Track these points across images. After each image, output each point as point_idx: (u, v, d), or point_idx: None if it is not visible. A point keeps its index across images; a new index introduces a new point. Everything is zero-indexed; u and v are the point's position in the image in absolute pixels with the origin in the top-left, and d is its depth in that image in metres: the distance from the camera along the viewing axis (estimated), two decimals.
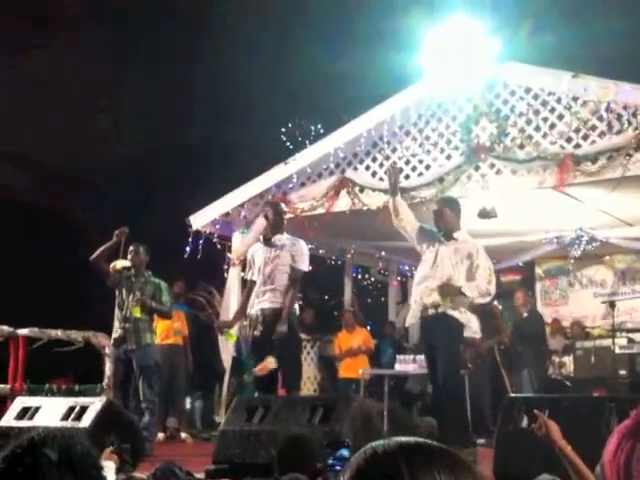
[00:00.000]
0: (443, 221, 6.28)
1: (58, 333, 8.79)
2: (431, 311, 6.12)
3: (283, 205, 7.18)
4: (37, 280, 15.23)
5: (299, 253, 6.63)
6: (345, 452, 3.12)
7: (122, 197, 16.76)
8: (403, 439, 1.30)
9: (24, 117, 16.86)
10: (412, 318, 6.45)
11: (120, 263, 7.32)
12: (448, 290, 6.06)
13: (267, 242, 6.71)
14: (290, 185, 9.14)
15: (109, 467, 3.48)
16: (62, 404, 5.68)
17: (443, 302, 6.05)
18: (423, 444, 1.29)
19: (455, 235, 6.24)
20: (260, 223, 7.85)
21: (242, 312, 6.87)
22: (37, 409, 5.70)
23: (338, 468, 2.99)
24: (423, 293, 6.22)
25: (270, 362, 6.35)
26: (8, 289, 13.62)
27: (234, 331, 6.99)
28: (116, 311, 7.37)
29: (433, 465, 1.25)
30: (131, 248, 7.42)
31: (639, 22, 14.35)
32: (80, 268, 8.47)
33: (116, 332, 7.34)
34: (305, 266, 6.71)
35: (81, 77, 17.43)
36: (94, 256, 7.28)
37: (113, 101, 18.28)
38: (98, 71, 17.59)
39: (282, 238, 6.69)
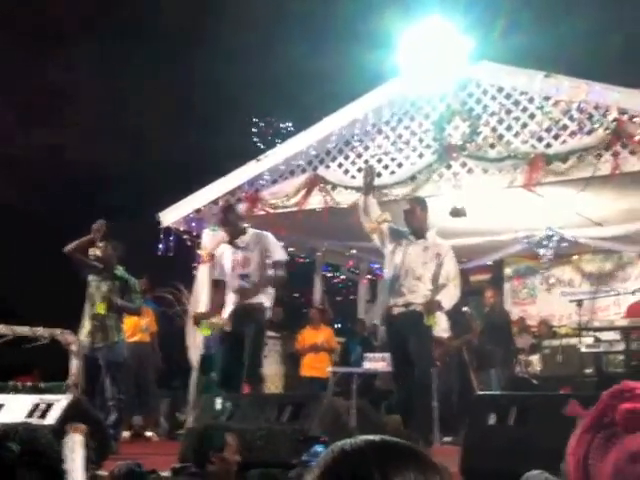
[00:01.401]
0: (414, 219, 6.30)
1: (24, 329, 8.64)
2: (401, 309, 6.13)
3: (235, 205, 7.14)
4: (7, 277, 15.06)
5: (270, 245, 6.60)
6: (319, 448, 3.09)
7: (91, 196, 16.61)
8: (371, 437, 1.26)
9: (11, 123, 16.71)
10: (380, 317, 6.49)
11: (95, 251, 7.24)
12: (431, 307, 6.09)
13: (232, 244, 6.69)
14: (262, 182, 9.09)
15: (77, 441, 3.41)
16: (27, 401, 5.59)
17: (429, 322, 6.09)
18: (392, 442, 1.26)
19: (425, 235, 6.27)
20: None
21: (217, 307, 6.83)
22: (0, 406, 5.60)
23: (313, 464, 2.96)
24: (393, 292, 6.23)
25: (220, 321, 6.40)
26: None
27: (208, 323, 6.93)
28: (85, 307, 7.29)
29: (403, 464, 1.22)
30: (100, 244, 7.32)
31: (609, 22, 14.51)
32: (50, 265, 8.36)
33: (84, 329, 7.26)
34: (282, 254, 6.69)
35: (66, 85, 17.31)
36: (69, 247, 7.19)
37: (90, 106, 18.16)
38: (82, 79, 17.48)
39: (245, 238, 6.65)
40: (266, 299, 6.62)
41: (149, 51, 17.64)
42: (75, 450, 3.37)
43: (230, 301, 6.69)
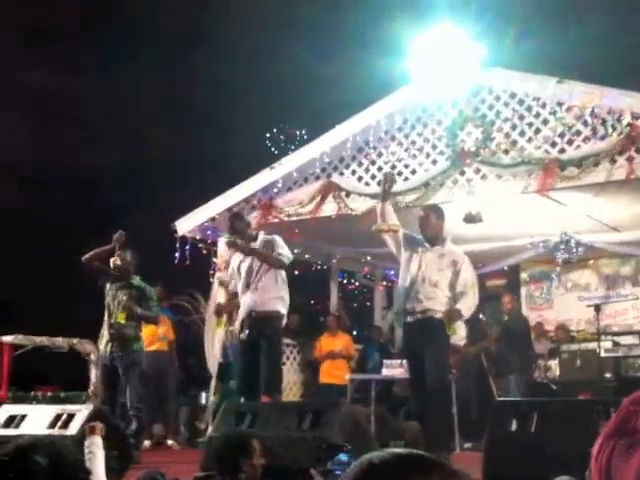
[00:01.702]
0: (429, 227, 6.31)
1: (43, 340, 8.73)
2: (418, 316, 6.14)
3: (242, 212, 7.19)
4: (23, 286, 15.15)
5: (277, 247, 6.65)
6: (343, 457, 3.12)
7: (104, 203, 16.70)
8: (399, 450, 1.31)
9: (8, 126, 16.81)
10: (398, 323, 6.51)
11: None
12: (452, 316, 6.10)
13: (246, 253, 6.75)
14: (276, 190, 9.13)
15: (96, 442, 3.45)
16: (49, 412, 5.63)
17: (450, 331, 6.10)
18: (419, 456, 1.30)
19: (440, 242, 6.28)
20: None
21: (234, 303, 6.89)
22: (23, 417, 5.64)
23: (338, 473, 2.99)
24: (409, 299, 6.24)
25: None
26: None
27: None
28: (105, 317, 7.34)
29: (429, 477, 1.26)
30: (118, 252, 7.37)
31: (621, 27, 14.49)
32: (67, 274, 8.43)
33: (103, 338, 7.31)
34: (287, 251, 6.72)
35: (65, 85, 17.39)
36: (87, 257, 7.25)
37: (96, 107, 18.24)
38: (80, 79, 17.56)
39: (255, 244, 6.72)
40: (281, 306, 6.66)
41: (153, 55, 17.73)
42: (94, 452, 3.40)
43: (244, 309, 6.73)
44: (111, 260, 7.25)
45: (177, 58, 17.94)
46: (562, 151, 7.48)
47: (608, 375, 8.43)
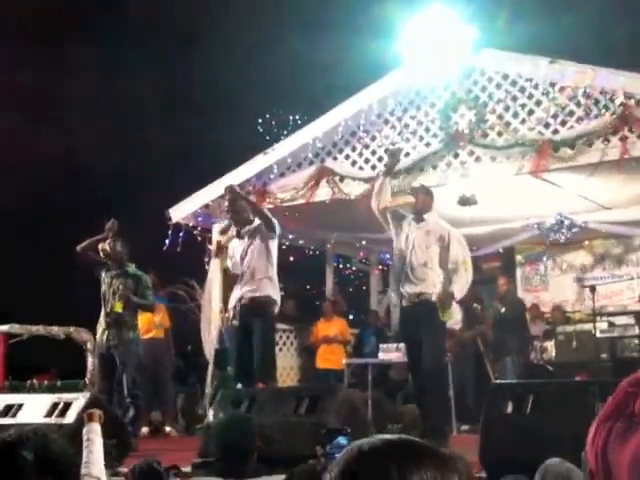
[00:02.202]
0: (416, 203, 6.34)
1: (39, 329, 8.72)
2: (414, 299, 6.14)
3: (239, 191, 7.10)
4: (20, 276, 15.13)
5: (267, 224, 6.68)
6: (343, 440, 3.11)
7: (101, 194, 16.64)
8: (389, 436, 1.29)
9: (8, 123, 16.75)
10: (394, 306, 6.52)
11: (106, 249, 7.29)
12: (445, 301, 6.10)
13: (239, 235, 6.74)
14: (270, 175, 9.11)
15: (94, 430, 3.45)
16: (45, 400, 5.64)
17: (444, 317, 6.11)
18: (409, 441, 1.28)
19: (425, 217, 6.27)
20: None
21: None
22: (20, 406, 5.65)
23: (337, 455, 2.99)
24: (403, 280, 6.25)
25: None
26: None
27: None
28: (102, 305, 7.35)
29: (420, 463, 1.24)
30: (109, 241, 7.37)
31: (613, 11, 14.44)
32: (63, 264, 8.42)
33: (100, 326, 7.32)
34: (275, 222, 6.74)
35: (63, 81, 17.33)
36: (81, 246, 7.26)
37: (88, 100, 18.16)
38: (80, 75, 17.49)
39: (250, 227, 6.72)
40: (273, 292, 6.65)
41: (145, 39, 17.63)
42: (92, 439, 3.39)
43: (236, 295, 6.73)
44: (99, 247, 7.26)
45: (172, 48, 17.85)
46: (555, 132, 7.47)
47: (604, 356, 8.47)
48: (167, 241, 9.29)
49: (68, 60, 17.53)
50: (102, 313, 7.33)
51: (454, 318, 9.15)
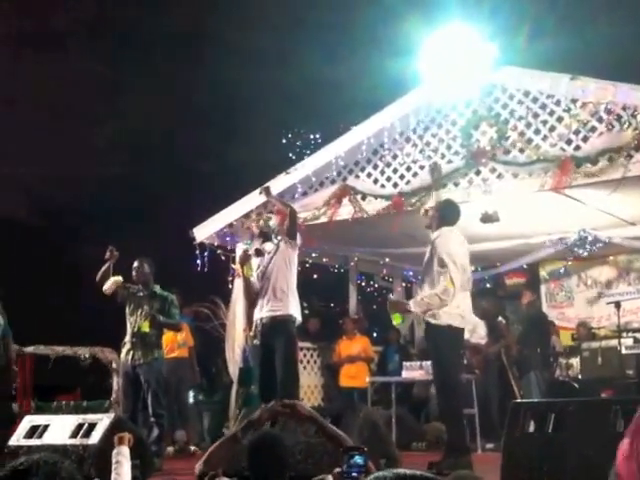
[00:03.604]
0: (429, 220, 6.36)
1: (65, 349, 8.81)
2: (425, 320, 6.16)
3: (269, 215, 7.23)
4: (43, 298, 15.25)
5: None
6: (359, 459, 3.10)
7: (122, 212, 16.76)
8: (402, 471, 1.36)
9: (19, 136, 16.87)
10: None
11: (114, 279, 7.34)
12: (394, 307, 6.15)
13: (258, 253, 6.80)
14: (293, 194, 9.15)
15: (123, 453, 3.49)
16: (70, 421, 5.68)
17: (395, 321, 6.15)
18: (419, 476, 1.36)
19: (432, 234, 6.22)
20: None
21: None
22: (46, 427, 5.70)
23: (354, 475, 2.99)
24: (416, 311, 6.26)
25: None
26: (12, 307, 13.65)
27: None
28: (127, 326, 7.42)
29: None
30: (135, 264, 7.48)
31: (634, 26, 14.38)
32: (84, 284, 8.50)
33: (125, 347, 7.38)
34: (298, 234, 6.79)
35: (74, 93, 17.45)
36: (98, 279, 7.35)
37: (109, 116, 18.31)
38: (92, 87, 17.62)
39: (270, 244, 6.78)
40: (294, 310, 6.67)
41: (164, 55, 17.77)
42: (121, 462, 3.44)
43: (258, 314, 6.76)
44: (111, 281, 7.30)
45: (191, 63, 18.00)
46: (577, 148, 7.44)
47: (630, 372, 8.37)
48: (198, 262, 9.36)
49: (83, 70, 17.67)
50: (128, 333, 7.39)
51: (479, 334, 9.16)
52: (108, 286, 7.30)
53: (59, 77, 17.44)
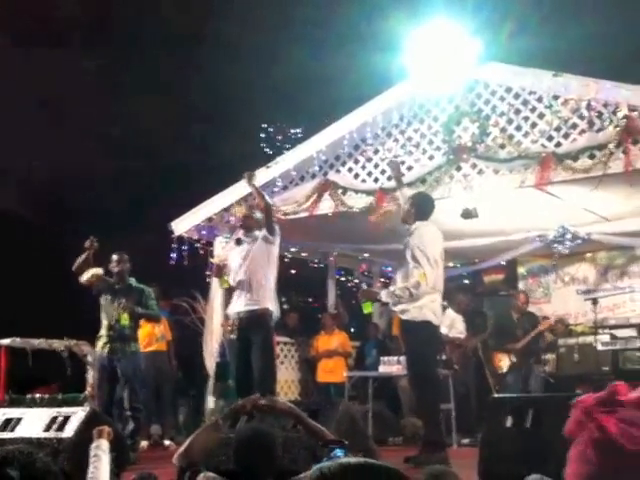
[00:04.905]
0: (404, 214, 6.36)
1: (40, 342, 8.70)
2: (401, 316, 6.16)
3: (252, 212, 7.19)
4: (20, 290, 15.10)
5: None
6: (339, 452, 3.08)
7: (102, 208, 16.62)
8: (348, 460, 1.36)
9: (11, 132, 16.71)
10: None
11: (94, 271, 7.27)
12: (366, 295, 6.26)
13: (239, 242, 6.75)
14: (273, 189, 9.10)
15: (102, 446, 3.45)
16: (44, 414, 5.61)
17: (365, 310, 6.19)
18: (367, 465, 1.33)
19: (409, 227, 6.22)
20: None
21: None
22: (19, 420, 5.63)
23: None
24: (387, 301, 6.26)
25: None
26: None
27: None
28: (102, 319, 7.35)
29: None
30: (115, 257, 7.43)
31: (616, 24, 14.46)
32: (62, 278, 8.42)
33: (101, 340, 7.32)
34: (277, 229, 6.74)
35: (67, 94, 17.33)
36: (75, 268, 7.28)
37: (97, 117, 18.17)
38: (86, 87, 17.50)
39: (252, 233, 6.73)
40: (271, 304, 6.63)
41: (151, 53, 17.67)
42: (99, 455, 3.40)
43: (234, 308, 6.71)
44: (91, 273, 7.23)
45: (176, 58, 17.88)
46: (558, 145, 7.45)
47: (606, 368, 8.41)
48: (173, 255, 9.29)
49: (71, 67, 17.53)
50: (103, 326, 7.33)
51: (457, 328, 9.18)
52: (87, 278, 7.23)
53: (44, 73, 17.31)
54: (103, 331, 7.34)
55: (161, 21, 18.00)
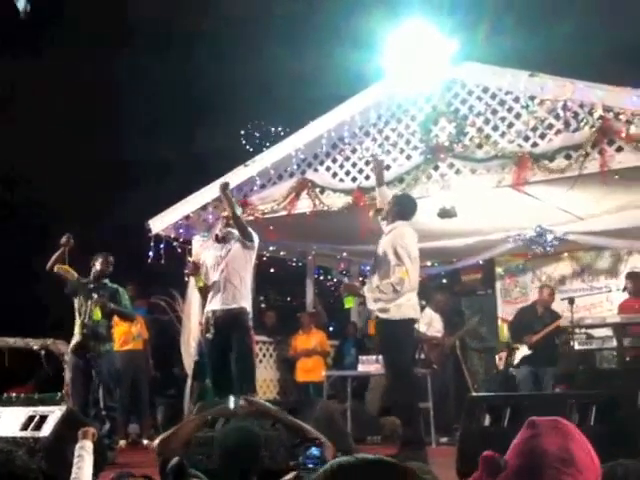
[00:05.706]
0: (385, 212, 6.37)
1: (17, 341, 8.65)
2: (377, 316, 6.18)
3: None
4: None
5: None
6: (315, 451, 3.10)
7: (75, 204, 16.46)
8: (369, 456, 1.39)
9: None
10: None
11: (66, 267, 7.23)
12: (348, 289, 6.33)
13: (217, 239, 6.72)
14: (251, 187, 9.09)
15: (86, 447, 3.44)
16: (21, 414, 5.57)
17: (347, 304, 6.23)
18: (385, 462, 1.38)
19: (390, 226, 6.23)
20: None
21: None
22: None
23: (311, 466, 2.98)
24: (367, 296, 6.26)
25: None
26: None
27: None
28: (76, 318, 7.29)
29: None
30: (101, 256, 7.39)
31: (592, 24, 14.58)
32: (36, 276, 8.35)
33: (75, 339, 7.26)
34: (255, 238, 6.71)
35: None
36: (49, 266, 7.22)
37: (70, 105, 18.00)
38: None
39: (233, 231, 6.70)
40: (246, 303, 6.61)
41: (132, 49, 17.55)
42: (83, 456, 3.39)
43: (209, 307, 6.67)
44: (64, 268, 7.19)
45: (153, 56, 17.77)
46: (535, 145, 7.51)
47: (582, 368, 8.48)
48: (151, 253, 9.24)
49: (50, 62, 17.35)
50: (77, 324, 7.27)
51: (435, 327, 9.22)
52: (57, 268, 7.17)
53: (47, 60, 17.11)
54: (77, 329, 7.29)
55: (139, 18, 17.89)
